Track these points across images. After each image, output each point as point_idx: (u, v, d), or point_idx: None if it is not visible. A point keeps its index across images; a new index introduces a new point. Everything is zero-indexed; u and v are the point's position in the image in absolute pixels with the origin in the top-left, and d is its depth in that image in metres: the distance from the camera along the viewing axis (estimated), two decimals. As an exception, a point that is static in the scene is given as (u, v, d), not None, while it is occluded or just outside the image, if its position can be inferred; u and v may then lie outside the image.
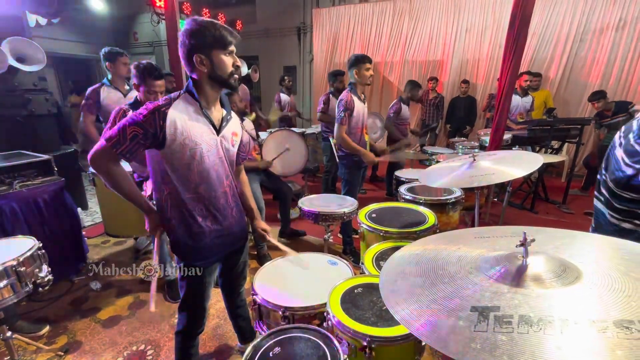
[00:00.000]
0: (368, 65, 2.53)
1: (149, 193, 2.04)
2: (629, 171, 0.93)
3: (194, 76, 1.18)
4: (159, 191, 1.24)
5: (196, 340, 1.51)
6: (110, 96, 2.78)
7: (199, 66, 1.14)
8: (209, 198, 1.25)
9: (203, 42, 1.11)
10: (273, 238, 1.54)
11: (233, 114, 1.37)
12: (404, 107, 4.12)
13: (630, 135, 0.95)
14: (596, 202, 1.11)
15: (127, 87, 2.89)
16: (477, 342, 0.48)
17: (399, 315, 0.59)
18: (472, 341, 0.48)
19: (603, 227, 1.06)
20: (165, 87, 3.26)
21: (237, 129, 1.36)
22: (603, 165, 1.08)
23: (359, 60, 2.53)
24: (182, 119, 1.14)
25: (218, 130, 1.24)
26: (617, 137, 1.02)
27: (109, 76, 2.79)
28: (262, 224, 1.54)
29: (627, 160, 0.94)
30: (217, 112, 1.27)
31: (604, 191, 1.06)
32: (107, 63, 2.75)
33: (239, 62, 1.19)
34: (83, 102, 2.76)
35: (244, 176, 1.57)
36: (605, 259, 0.68)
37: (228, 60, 1.16)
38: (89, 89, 2.77)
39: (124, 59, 2.80)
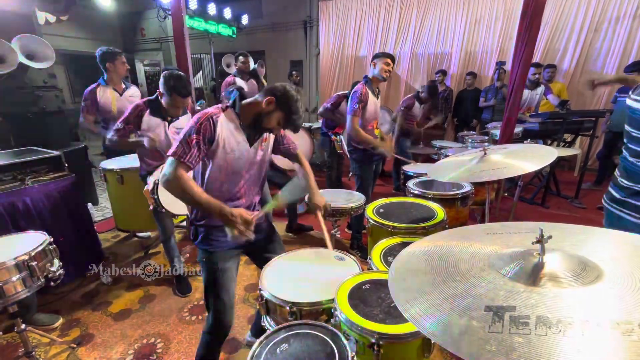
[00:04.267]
0: (388, 61, 2.57)
1: (150, 187, 2.05)
2: None
3: (256, 101, 1.32)
4: None
5: (221, 346, 1.56)
6: (107, 95, 2.80)
7: (266, 105, 1.30)
8: (227, 194, 1.41)
9: (283, 106, 1.30)
10: (322, 217, 1.62)
11: None
12: (417, 104, 4.07)
13: None
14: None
15: (123, 86, 2.91)
16: (491, 343, 0.46)
17: (409, 314, 0.58)
18: (487, 343, 0.46)
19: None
20: None
21: (266, 134, 1.47)
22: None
23: (383, 54, 2.58)
24: (227, 129, 1.31)
25: (251, 143, 1.39)
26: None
27: (105, 76, 2.81)
28: (318, 199, 1.61)
29: None
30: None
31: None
32: (107, 63, 2.76)
33: (280, 133, 1.46)
34: (82, 103, 2.78)
35: (302, 160, 1.69)
36: (625, 257, 0.65)
37: (277, 129, 1.37)
38: (87, 90, 2.79)
39: (123, 58, 2.84)
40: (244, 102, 1.36)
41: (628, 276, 0.55)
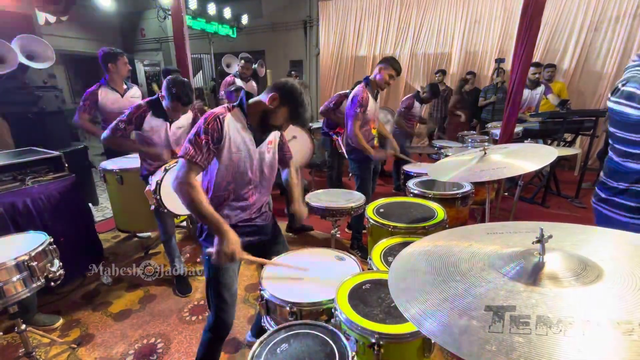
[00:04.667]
0: (392, 73, 2.55)
1: (153, 187, 2.05)
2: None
3: (261, 100, 1.32)
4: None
5: (220, 347, 1.56)
6: (108, 96, 2.80)
7: (270, 102, 1.29)
8: (235, 194, 1.41)
9: (288, 101, 1.29)
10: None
11: None
12: (417, 104, 4.06)
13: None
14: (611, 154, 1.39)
15: (125, 86, 2.90)
16: (492, 343, 0.46)
17: (409, 314, 0.58)
18: (487, 342, 0.46)
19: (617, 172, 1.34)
20: None
21: (273, 138, 1.47)
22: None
23: (392, 64, 2.54)
24: (233, 128, 1.31)
25: (258, 143, 1.39)
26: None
27: (107, 76, 2.80)
28: (296, 206, 1.64)
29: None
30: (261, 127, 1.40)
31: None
32: (109, 63, 2.76)
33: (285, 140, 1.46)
34: (81, 103, 2.78)
35: (293, 171, 1.72)
36: (625, 257, 0.65)
37: (286, 125, 1.38)
38: (87, 91, 2.78)
39: (125, 58, 2.83)
40: (250, 101, 1.36)
41: (628, 276, 0.55)
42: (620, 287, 0.53)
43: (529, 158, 1.54)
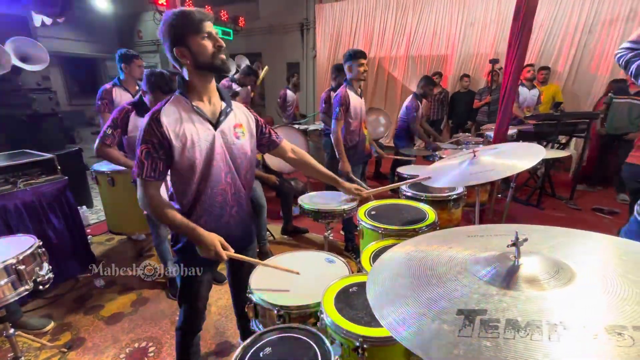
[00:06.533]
0: (362, 61, 2.48)
1: None
2: None
3: (184, 72, 1.18)
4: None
5: (196, 339, 1.53)
6: (123, 97, 2.80)
7: (182, 59, 1.13)
8: (205, 195, 1.23)
9: (175, 34, 1.11)
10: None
11: (238, 106, 1.32)
12: (420, 105, 3.95)
13: None
14: None
15: (137, 89, 2.91)
16: (460, 348, 0.46)
17: (384, 320, 0.57)
18: (455, 347, 0.46)
19: None
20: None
21: (241, 121, 1.29)
22: None
23: (352, 56, 2.49)
24: (174, 120, 1.13)
25: (215, 125, 1.20)
26: None
27: (121, 76, 2.81)
28: (347, 184, 1.60)
29: None
30: (213, 106, 1.23)
31: None
32: (122, 64, 2.77)
33: (220, 42, 1.18)
34: (98, 102, 2.77)
35: (297, 149, 1.55)
36: (603, 260, 0.66)
37: (207, 44, 1.14)
38: (102, 89, 2.78)
39: (139, 61, 2.85)
40: (187, 78, 1.18)
41: (600, 279, 0.55)
42: (592, 290, 0.53)
43: (518, 157, 1.54)
